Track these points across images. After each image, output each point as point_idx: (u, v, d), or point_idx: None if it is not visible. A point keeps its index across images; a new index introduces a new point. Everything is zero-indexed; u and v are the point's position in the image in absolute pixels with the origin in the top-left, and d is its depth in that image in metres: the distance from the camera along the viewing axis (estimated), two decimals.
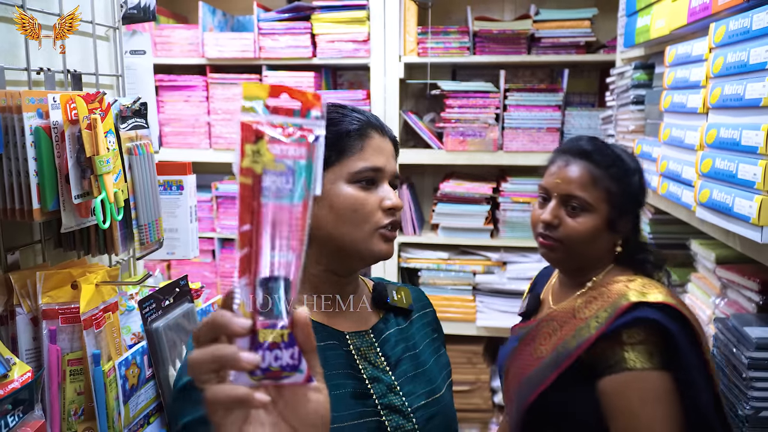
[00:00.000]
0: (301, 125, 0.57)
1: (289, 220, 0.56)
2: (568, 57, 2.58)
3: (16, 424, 0.89)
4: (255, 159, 0.54)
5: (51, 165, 0.97)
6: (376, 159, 0.98)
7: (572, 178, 1.26)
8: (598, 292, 1.24)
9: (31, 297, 1.02)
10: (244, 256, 0.55)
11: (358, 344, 1.02)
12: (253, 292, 0.55)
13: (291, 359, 0.56)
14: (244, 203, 0.55)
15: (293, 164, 0.56)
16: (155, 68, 2.73)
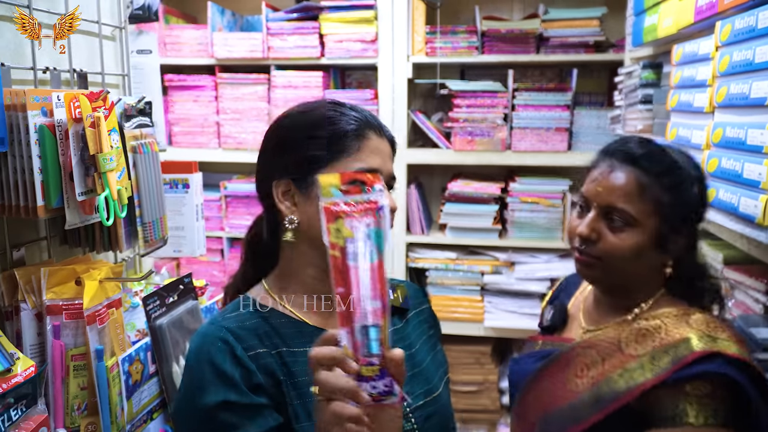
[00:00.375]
0: (367, 199, 0.75)
1: (371, 276, 0.74)
2: (577, 56, 2.57)
3: (19, 418, 0.90)
4: (337, 235, 0.74)
5: (55, 162, 0.99)
6: (372, 160, 0.98)
7: (616, 187, 1.08)
8: (650, 325, 1.08)
9: (35, 293, 1.03)
10: (342, 312, 0.75)
11: None
12: (353, 339, 0.74)
13: (385, 387, 0.76)
14: (336, 270, 0.74)
15: (366, 232, 0.74)
16: (165, 68, 2.76)
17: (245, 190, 2.77)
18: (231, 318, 0.97)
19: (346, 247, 0.74)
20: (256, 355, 0.93)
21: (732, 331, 1.03)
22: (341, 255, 0.74)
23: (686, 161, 1.11)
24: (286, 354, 0.96)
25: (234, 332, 0.94)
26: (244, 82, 2.71)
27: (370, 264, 0.74)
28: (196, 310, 1.31)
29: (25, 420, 0.91)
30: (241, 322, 0.97)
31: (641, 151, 1.10)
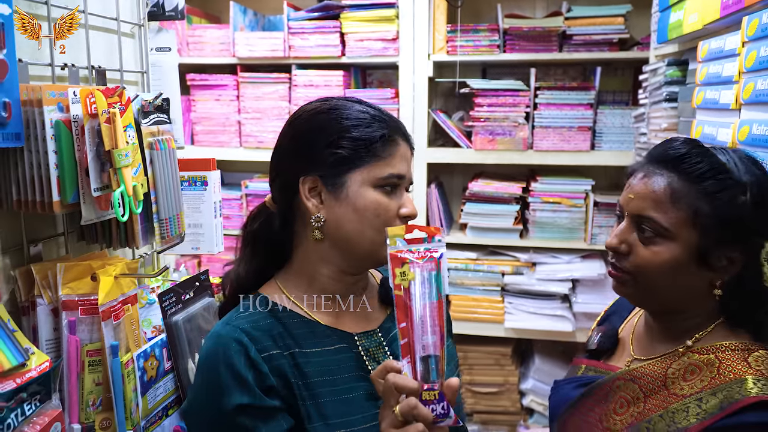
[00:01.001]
0: (429, 248, 0.86)
1: (431, 313, 0.85)
2: (601, 54, 2.53)
3: (33, 413, 0.90)
4: (402, 278, 0.85)
5: (71, 158, 0.99)
6: (401, 166, 1.00)
7: (647, 194, 0.97)
8: (702, 360, 0.96)
9: (51, 288, 1.04)
10: (404, 344, 0.85)
11: (367, 345, 1.03)
12: (414, 368, 0.84)
13: (442, 410, 0.84)
14: (400, 308, 0.85)
15: (428, 275, 0.85)
16: (188, 68, 2.78)
17: (266, 189, 2.77)
18: (245, 318, 0.98)
19: (410, 288, 0.85)
20: (269, 357, 0.94)
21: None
22: (405, 294, 0.85)
23: (739, 164, 0.95)
24: (298, 355, 0.96)
25: (249, 333, 0.94)
26: (265, 82, 2.72)
27: (430, 302, 0.85)
28: (213, 307, 1.31)
29: (39, 415, 0.91)
30: (256, 322, 0.97)
31: (680, 152, 0.98)
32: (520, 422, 2.74)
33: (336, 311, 1.04)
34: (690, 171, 0.95)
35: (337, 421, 0.95)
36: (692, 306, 1.00)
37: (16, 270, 1.04)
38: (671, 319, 1.03)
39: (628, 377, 1.02)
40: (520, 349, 2.87)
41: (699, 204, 0.94)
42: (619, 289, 1.05)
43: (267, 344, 0.94)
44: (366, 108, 1.03)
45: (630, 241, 1.00)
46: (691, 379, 0.95)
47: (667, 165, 0.98)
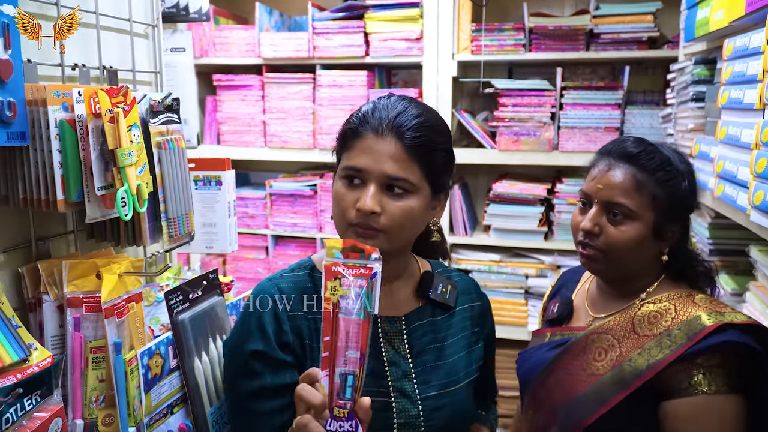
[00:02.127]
0: (363, 265, 0.88)
1: (356, 331, 0.87)
2: (629, 53, 2.47)
3: (33, 408, 0.92)
4: (332, 292, 0.88)
5: (75, 157, 1.00)
6: (359, 159, 1.03)
7: (615, 184, 1.18)
8: (660, 308, 1.18)
9: (57, 285, 1.05)
10: (326, 357, 0.87)
11: (387, 329, 1.11)
12: (330, 382, 0.87)
13: (350, 427, 0.87)
14: (327, 321, 0.87)
15: (357, 292, 0.87)
16: (215, 68, 2.82)
17: (290, 188, 2.79)
18: (287, 277, 1.11)
19: (338, 303, 0.87)
20: (294, 317, 1.06)
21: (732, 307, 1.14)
22: (333, 309, 0.87)
23: (677, 158, 1.22)
24: (320, 321, 1.00)
25: (283, 291, 1.08)
26: (289, 82, 2.73)
27: (357, 320, 0.87)
28: (221, 306, 1.31)
29: (39, 410, 0.92)
30: (294, 283, 1.10)
31: (637, 150, 1.20)
32: None
33: None
34: (647, 165, 1.18)
35: None
36: (645, 270, 1.23)
37: (24, 267, 1.06)
38: (626, 282, 1.24)
39: (600, 331, 1.21)
40: None
41: (656, 190, 1.17)
42: (590, 266, 1.24)
43: (295, 305, 1.06)
44: (375, 103, 1.08)
45: (601, 223, 1.19)
46: (656, 322, 1.16)
47: (628, 159, 1.19)
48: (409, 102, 1.08)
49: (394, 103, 1.07)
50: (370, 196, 1.01)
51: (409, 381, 1.07)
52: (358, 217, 1.02)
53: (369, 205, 1.00)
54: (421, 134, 1.04)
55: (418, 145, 1.03)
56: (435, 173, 1.07)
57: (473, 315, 1.20)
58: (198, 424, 1.20)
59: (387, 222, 1.02)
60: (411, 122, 1.04)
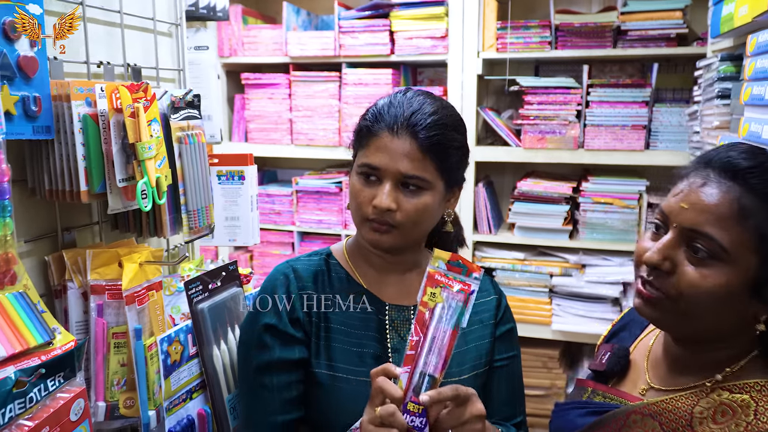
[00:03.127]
0: (464, 281, 0.93)
1: (443, 338, 0.91)
2: (657, 50, 2.44)
3: (56, 389, 0.96)
4: (431, 298, 0.92)
5: (98, 150, 1.05)
6: (375, 158, 1.06)
7: (706, 205, 0.84)
8: (735, 400, 0.85)
9: (81, 273, 1.10)
10: (410, 355, 0.92)
11: (395, 316, 1.15)
12: (410, 379, 0.91)
13: (420, 424, 0.90)
14: (419, 322, 0.92)
15: (454, 305, 0.92)
16: (243, 67, 2.87)
17: (316, 185, 2.83)
18: (303, 260, 1.19)
19: (434, 309, 0.92)
20: (305, 295, 1.12)
21: None
22: (428, 312, 0.92)
23: None
24: (330, 299, 1.13)
25: (297, 272, 1.15)
26: (316, 80, 2.77)
27: (447, 329, 0.92)
28: (240, 297, 1.35)
29: (62, 391, 0.97)
30: (308, 265, 1.17)
31: (750, 163, 0.85)
32: None
33: (379, 279, 1.17)
34: (760, 187, 0.83)
35: (339, 366, 1.09)
36: (728, 337, 0.89)
37: (50, 255, 1.11)
38: (700, 348, 0.91)
39: (647, 412, 0.91)
40: (570, 353, 2.81)
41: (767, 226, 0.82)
42: (646, 312, 0.91)
43: (307, 284, 1.13)
44: (386, 101, 1.10)
45: (675, 258, 0.86)
46: (722, 422, 0.83)
47: (733, 175, 0.85)
48: (425, 98, 1.10)
49: (410, 99, 1.09)
50: (386, 194, 1.04)
51: None
52: (375, 213, 1.06)
53: (385, 203, 1.04)
54: (435, 132, 1.05)
55: (433, 144, 1.05)
56: (449, 169, 1.09)
57: (487, 309, 1.21)
58: (216, 410, 1.24)
59: (402, 218, 1.06)
60: (426, 121, 1.05)
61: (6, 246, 0.80)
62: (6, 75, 0.92)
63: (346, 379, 1.08)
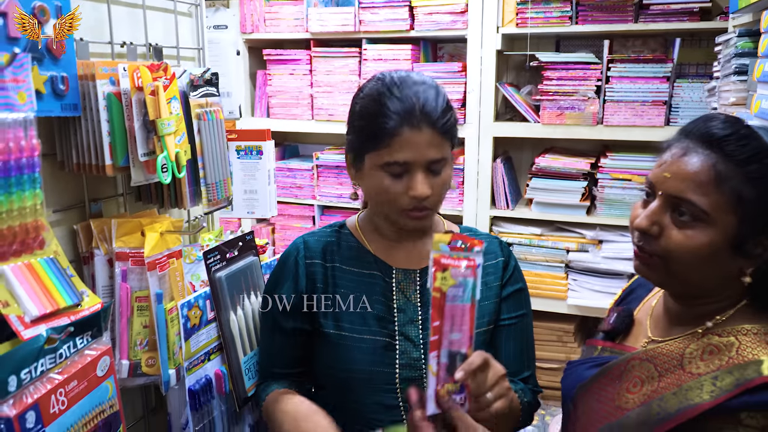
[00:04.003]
0: (468, 257, 0.94)
1: (462, 314, 0.94)
2: (680, 25, 2.41)
3: (84, 347, 1.04)
4: (443, 282, 0.94)
5: (121, 126, 1.12)
6: (402, 154, 1.09)
7: (687, 173, 0.91)
8: (722, 342, 0.94)
9: (107, 241, 1.18)
10: (434, 340, 0.94)
11: (401, 279, 1.22)
12: (438, 361, 0.94)
13: (461, 400, 0.94)
14: (435, 308, 0.95)
15: (464, 281, 0.94)
16: (265, 43, 2.92)
17: (336, 160, 2.88)
18: (316, 233, 1.30)
19: (447, 293, 0.95)
20: (311, 263, 1.23)
21: None
22: (442, 297, 0.95)
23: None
24: (337, 269, 1.23)
25: (306, 243, 1.26)
26: (336, 56, 2.80)
27: (463, 305, 0.95)
28: (256, 266, 1.42)
29: (90, 348, 1.05)
30: (319, 237, 1.27)
31: (725, 132, 0.91)
32: None
33: (390, 246, 1.24)
34: (735, 153, 0.89)
35: (345, 325, 1.18)
36: (718, 290, 0.97)
37: (78, 224, 1.19)
38: (693, 302, 1.00)
39: (644, 357, 1.00)
40: (585, 327, 2.84)
41: (743, 189, 0.89)
42: (643, 272, 1.00)
43: (315, 254, 1.24)
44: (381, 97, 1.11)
45: (662, 222, 0.94)
46: (708, 359, 0.92)
47: (710, 144, 0.91)
48: (421, 83, 1.14)
49: (413, 90, 1.12)
50: (422, 183, 1.11)
51: (414, 326, 1.19)
52: (413, 202, 1.13)
53: (425, 191, 1.11)
54: (447, 116, 1.13)
55: (448, 127, 1.13)
56: (455, 139, 1.18)
57: (493, 271, 1.26)
58: (232, 371, 1.32)
59: (435, 199, 1.15)
60: (438, 108, 1.11)
61: (36, 214, 0.87)
62: (36, 56, 0.99)
63: (350, 337, 1.17)
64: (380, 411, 1.16)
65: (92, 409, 1.03)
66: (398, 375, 1.16)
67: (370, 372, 1.16)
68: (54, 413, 0.94)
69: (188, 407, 1.23)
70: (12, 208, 0.84)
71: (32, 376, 0.93)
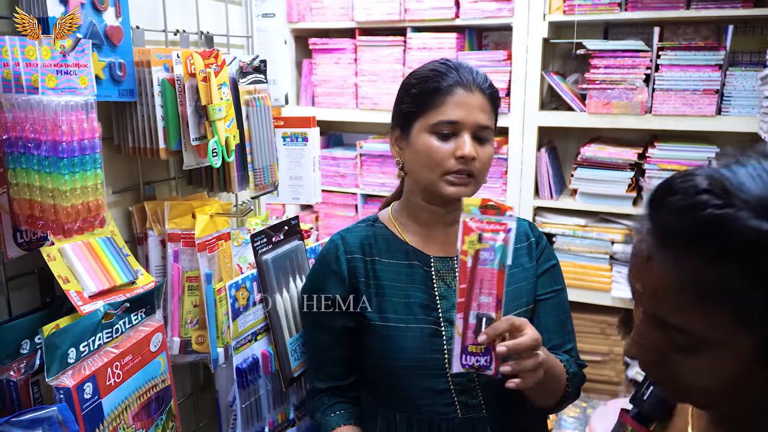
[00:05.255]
0: (499, 221, 0.97)
1: (490, 279, 0.98)
2: (733, 11, 2.34)
3: (138, 323, 1.09)
4: (470, 245, 0.97)
5: (175, 112, 1.16)
6: (454, 113, 1.14)
7: (655, 288, 0.63)
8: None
9: (160, 223, 1.22)
10: (461, 302, 0.98)
11: (440, 267, 1.24)
12: (465, 323, 0.99)
13: (485, 362, 0.99)
14: (463, 271, 0.98)
15: (494, 245, 0.97)
16: (311, 32, 2.95)
17: (379, 149, 2.90)
18: (351, 228, 1.31)
19: (477, 255, 0.97)
20: (352, 259, 1.24)
21: None
22: (471, 260, 0.97)
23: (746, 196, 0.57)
24: (377, 262, 1.24)
25: (344, 239, 1.27)
26: (381, 45, 2.82)
27: (491, 269, 0.98)
28: (301, 250, 1.45)
29: (144, 325, 1.10)
30: (356, 232, 1.28)
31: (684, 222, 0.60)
32: (622, 393, 2.69)
33: (425, 236, 1.25)
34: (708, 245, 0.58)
35: (390, 316, 1.20)
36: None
37: (133, 206, 1.23)
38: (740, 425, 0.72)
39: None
40: (629, 320, 2.80)
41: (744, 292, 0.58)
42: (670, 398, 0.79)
43: (354, 249, 1.24)
44: (440, 66, 1.19)
45: (659, 345, 0.66)
46: None
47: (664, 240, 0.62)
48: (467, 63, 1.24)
49: (463, 65, 1.21)
50: (469, 144, 1.14)
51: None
52: (459, 164, 1.15)
53: (471, 151, 1.14)
54: (494, 89, 1.21)
55: (495, 98, 1.20)
56: (497, 119, 1.23)
57: (526, 252, 1.28)
58: (279, 351, 1.36)
59: (480, 167, 1.17)
60: (487, 79, 1.21)
61: (97, 193, 0.92)
62: (96, 43, 1.03)
63: (396, 327, 1.19)
64: (430, 396, 1.17)
65: (145, 383, 1.08)
66: (447, 360, 1.17)
67: (420, 359, 1.17)
68: (110, 385, 0.99)
69: (235, 385, 1.27)
70: (75, 187, 0.88)
71: (90, 349, 0.98)
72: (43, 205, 0.89)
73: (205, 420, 1.48)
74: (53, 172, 0.87)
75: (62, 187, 0.87)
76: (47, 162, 0.87)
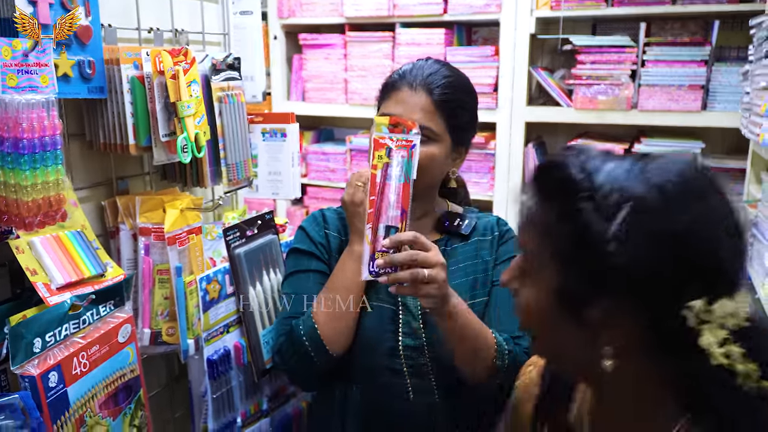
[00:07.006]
0: (405, 138, 1.06)
1: (397, 191, 1.06)
2: (720, 7, 2.35)
3: (106, 314, 1.12)
4: (379, 160, 1.06)
5: (144, 108, 1.18)
6: (394, 108, 1.20)
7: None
8: None
9: (132, 217, 1.25)
10: (371, 213, 1.06)
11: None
12: (374, 233, 1.06)
13: (390, 271, 1.05)
14: (372, 185, 1.06)
15: (400, 161, 1.05)
16: (301, 28, 2.97)
17: None
18: (333, 209, 1.39)
19: (384, 169, 1.05)
20: (327, 235, 1.33)
21: None
22: (380, 174, 1.05)
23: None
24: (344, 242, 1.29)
25: (325, 216, 1.36)
26: (370, 40, 2.83)
27: (399, 184, 1.05)
28: (275, 244, 1.47)
29: (112, 316, 1.13)
30: (335, 211, 1.37)
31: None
32: None
33: None
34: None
35: None
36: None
37: (105, 201, 1.26)
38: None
39: None
40: None
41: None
42: None
43: (333, 226, 1.33)
44: (413, 64, 1.26)
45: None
46: None
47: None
48: (442, 65, 1.26)
49: (430, 65, 1.25)
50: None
51: (414, 298, 1.24)
52: None
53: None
54: (448, 92, 1.21)
55: (444, 101, 1.21)
56: (457, 127, 1.23)
57: (491, 245, 1.31)
58: (251, 344, 1.39)
59: None
60: (440, 81, 1.22)
61: (58, 188, 0.94)
62: (64, 42, 1.06)
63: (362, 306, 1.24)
64: (387, 375, 1.23)
65: (113, 373, 1.11)
66: (401, 342, 1.22)
67: (377, 339, 1.22)
68: (76, 374, 1.02)
69: (207, 376, 1.30)
70: (36, 182, 0.91)
71: (56, 339, 1.01)
72: (6, 200, 0.92)
73: (181, 411, 1.51)
74: (15, 168, 0.90)
75: (23, 182, 0.90)
76: (9, 158, 0.90)
